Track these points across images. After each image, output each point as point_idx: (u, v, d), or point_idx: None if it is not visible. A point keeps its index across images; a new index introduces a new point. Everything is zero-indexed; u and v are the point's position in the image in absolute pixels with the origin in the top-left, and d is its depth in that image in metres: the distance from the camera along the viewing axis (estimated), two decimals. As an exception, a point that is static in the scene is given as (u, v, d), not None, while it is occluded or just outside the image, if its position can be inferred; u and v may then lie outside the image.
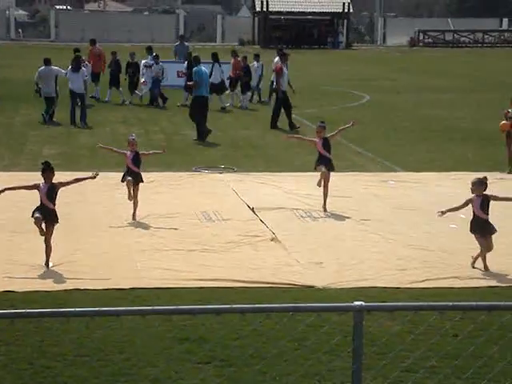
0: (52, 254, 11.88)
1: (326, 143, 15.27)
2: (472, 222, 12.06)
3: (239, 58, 30.94)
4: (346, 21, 70.27)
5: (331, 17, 70.56)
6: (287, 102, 24.81)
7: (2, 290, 10.64)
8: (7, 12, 73.64)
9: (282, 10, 69.78)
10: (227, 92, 29.64)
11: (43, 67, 25.36)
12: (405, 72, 45.69)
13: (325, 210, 14.86)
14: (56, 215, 11.67)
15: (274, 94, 25.42)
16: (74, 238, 13.01)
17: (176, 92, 29.71)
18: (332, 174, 18.28)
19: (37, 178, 17.21)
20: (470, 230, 12.04)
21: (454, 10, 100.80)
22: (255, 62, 31.45)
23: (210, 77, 27.14)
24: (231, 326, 9.29)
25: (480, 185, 11.96)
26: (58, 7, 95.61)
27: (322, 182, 15.02)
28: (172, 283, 11.03)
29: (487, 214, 11.91)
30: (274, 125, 24.58)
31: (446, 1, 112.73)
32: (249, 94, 30.34)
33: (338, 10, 69.55)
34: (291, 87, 25.88)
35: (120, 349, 8.86)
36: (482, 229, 11.90)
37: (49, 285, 10.89)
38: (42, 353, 8.74)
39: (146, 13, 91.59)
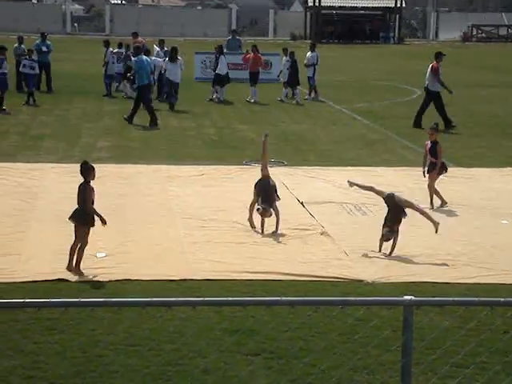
0: (104, 245, 12.07)
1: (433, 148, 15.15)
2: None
3: (258, 54, 30.36)
4: (398, 15, 69.77)
5: (383, 11, 70.13)
6: (440, 102, 24.22)
7: (56, 278, 10.82)
8: (63, 6, 74.48)
9: (334, 4, 69.55)
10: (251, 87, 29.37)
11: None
12: (457, 67, 45.24)
13: (432, 207, 14.88)
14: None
15: (424, 93, 24.58)
16: (126, 230, 13.17)
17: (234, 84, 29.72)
18: (383, 168, 18.33)
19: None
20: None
21: (508, 4, 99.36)
22: (309, 52, 31.04)
23: (215, 69, 28.13)
24: (281, 319, 9.35)
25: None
26: (112, 1, 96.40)
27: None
28: (222, 275, 11.13)
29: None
30: (417, 124, 23.95)
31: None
32: (299, 88, 29.94)
33: (390, 5, 69.10)
34: (447, 88, 24.65)
35: (171, 339, 8.97)
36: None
37: (101, 275, 11.05)
38: (94, 341, 8.89)
39: (199, 7, 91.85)
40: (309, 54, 31.09)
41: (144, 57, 24.40)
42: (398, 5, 68.57)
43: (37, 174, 16.96)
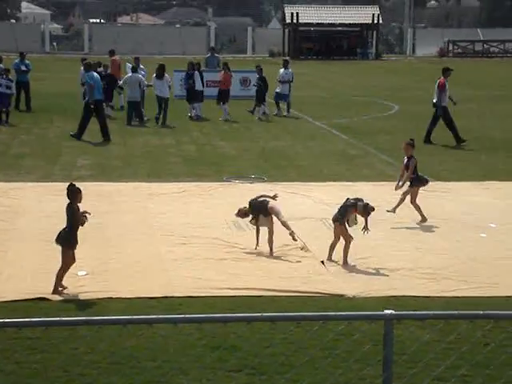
0: (85, 263, 12.06)
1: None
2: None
3: (229, 72, 30.27)
4: (375, 32, 70.20)
5: (361, 28, 70.53)
6: (448, 117, 24.15)
7: (37, 296, 10.78)
8: (42, 26, 74.47)
9: (311, 21, 69.89)
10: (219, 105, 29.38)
11: (130, 74, 27.92)
12: (434, 82, 45.54)
13: (424, 220, 14.98)
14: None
15: (434, 110, 24.53)
16: (107, 248, 13.16)
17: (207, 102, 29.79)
18: (363, 183, 18.41)
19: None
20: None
21: (483, 20, 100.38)
22: (282, 69, 30.96)
23: (193, 86, 28.60)
24: (262, 335, 9.36)
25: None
26: (91, 21, 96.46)
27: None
28: (203, 292, 11.13)
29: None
30: (427, 139, 23.96)
31: (476, 11, 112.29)
32: (264, 104, 29.60)
33: (367, 22, 69.51)
34: (452, 100, 24.68)
35: (152, 357, 8.96)
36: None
37: (82, 293, 11.03)
38: (76, 360, 8.86)
39: (178, 25, 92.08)
40: (282, 70, 30.93)
41: (95, 73, 24.94)
42: (375, 21, 68.99)
43: (17, 192, 16.91)
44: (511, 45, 72.37)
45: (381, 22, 70.34)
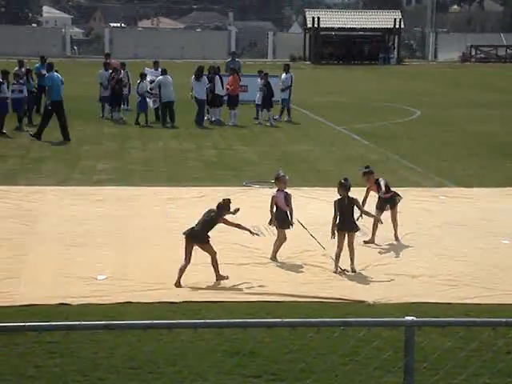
0: (104, 267, 12.08)
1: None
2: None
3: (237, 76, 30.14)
4: (397, 36, 70.06)
5: (382, 32, 70.43)
6: None
7: (57, 302, 10.80)
8: (63, 30, 74.90)
9: (333, 26, 69.88)
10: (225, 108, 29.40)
11: (161, 77, 28.56)
12: (456, 87, 45.41)
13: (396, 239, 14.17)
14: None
15: None
16: (127, 252, 13.16)
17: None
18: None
19: (89, 192, 17.52)
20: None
21: (506, 24, 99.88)
22: (284, 73, 30.72)
23: (213, 90, 28.64)
24: (282, 340, 9.31)
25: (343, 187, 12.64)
26: (112, 25, 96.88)
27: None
28: (223, 297, 11.10)
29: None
30: None
31: (499, 16, 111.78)
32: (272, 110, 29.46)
33: (389, 26, 69.41)
34: None
35: (172, 362, 8.93)
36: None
37: (102, 298, 11.02)
38: (95, 365, 8.85)
39: (199, 30, 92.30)
40: (283, 75, 30.74)
41: (56, 74, 25.34)
42: (397, 26, 68.84)
43: (37, 196, 16.96)
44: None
45: (402, 26, 70.26)
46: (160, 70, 29.74)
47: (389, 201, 14.14)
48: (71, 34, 77.30)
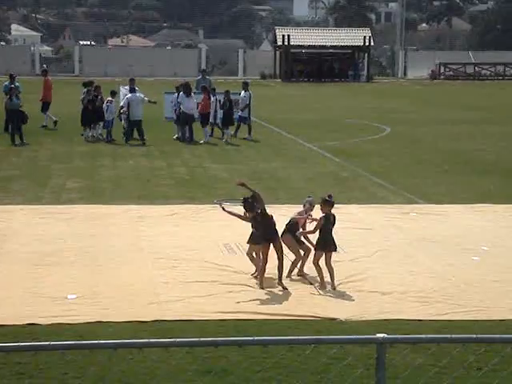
0: (75, 287, 11.98)
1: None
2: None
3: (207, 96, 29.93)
4: (366, 54, 70.49)
5: (352, 50, 70.80)
6: None
7: (26, 322, 10.68)
8: (32, 48, 74.52)
9: (303, 43, 70.12)
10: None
11: (130, 94, 28.50)
12: (426, 105, 45.74)
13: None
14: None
15: None
16: (97, 271, 13.06)
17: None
18: (354, 205, 18.35)
19: (58, 210, 17.38)
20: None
21: (474, 43, 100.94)
22: (243, 92, 30.58)
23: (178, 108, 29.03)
24: (254, 359, 9.27)
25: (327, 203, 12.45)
26: (82, 43, 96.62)
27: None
28: (194, 315, 11.05)
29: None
30: None
31: (467, 34, 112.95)
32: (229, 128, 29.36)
33: (358, 44, 69.80)
34: None
35: (143, 381, 8.86)
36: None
37: (72, 317, 10.92)
38: (65, 385, 8.76)
39: (169, 47, 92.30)
40: (242, 93, 30.53)
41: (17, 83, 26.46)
42: (367, 43, 69.28)
43: (5, 215, 16.82)
44: (502, 67, 72.73)
45: (372, 44, 70.65)
46: (130, 87, 29.61)
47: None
48: (40, 52, 76.90)
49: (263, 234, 12.49)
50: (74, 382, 8.81)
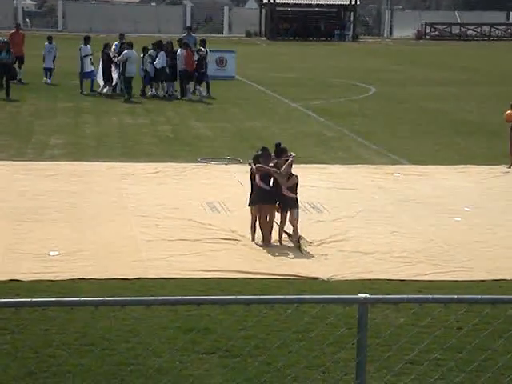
0: (57, 243, 11.96)
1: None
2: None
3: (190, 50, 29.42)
4: (352, 13, 70.08)
5: (338, 9, 70.39)
6: None
7: (8, 278, 10.66)
8: (15, 2, 73.54)
9: (288, 1, 69.62)
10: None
11: (128, 51, 28.03)
12: (411, 65, 45.62)
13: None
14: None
15: None
16: (80, 228, 13.03)
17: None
18: (337, 166, 18.36)
19: (41, 167, 17.28)
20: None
21: (461, 3, 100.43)
22: (202, 48, 29.83)
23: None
24: (236, 317, 9.30)
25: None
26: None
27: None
28: (177, 273, 11.06)
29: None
30: None
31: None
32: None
33: (344, 3, 69.38)
34: None
35: (125, 338, 8.88)
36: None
37: (54, 274, 10.91)
38: (46, 342, 8.77)
39: (153, 4, 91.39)
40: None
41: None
42: (353, 2, 68.87)
43: (-12, 171, 16.71)
44: (488, 28, 72.56)
45: (358, 3, 70.22)
46: (122, 41, 29.40)
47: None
48: (23, 6, 75.88)
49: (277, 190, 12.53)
50: (56, 339, 8.82)
